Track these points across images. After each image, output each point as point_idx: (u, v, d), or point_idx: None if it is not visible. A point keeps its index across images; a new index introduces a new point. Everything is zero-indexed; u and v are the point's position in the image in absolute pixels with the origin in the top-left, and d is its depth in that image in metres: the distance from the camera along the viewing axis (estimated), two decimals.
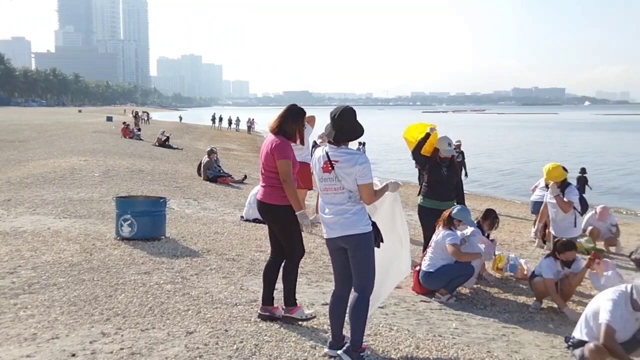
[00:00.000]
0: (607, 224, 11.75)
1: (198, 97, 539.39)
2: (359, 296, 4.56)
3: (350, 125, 4.62)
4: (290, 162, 5.13)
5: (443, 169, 8.07)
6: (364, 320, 4.57)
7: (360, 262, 4.57)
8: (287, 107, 5.47)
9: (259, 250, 8.50)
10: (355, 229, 4.52)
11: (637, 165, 34.44)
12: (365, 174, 4.49)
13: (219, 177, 17.12)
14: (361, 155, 4.57)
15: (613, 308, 4.93)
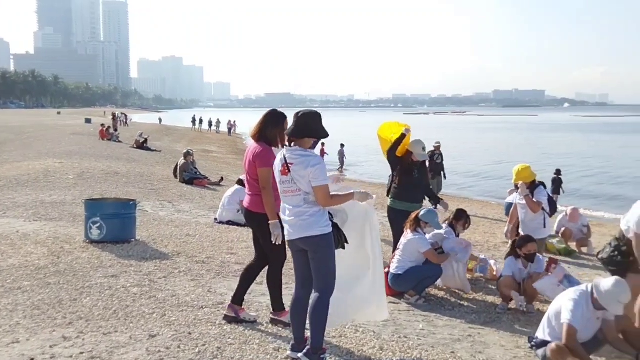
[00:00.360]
0: (578, 224, 11.85)
1: (179, 99, 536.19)
2: (318, 298, 4.53)
3: (307, 123, 4.59)
4: (271, 169, 4.98)
5: (415, 171, 8.10)
6: (324, 322, 4.54)
7: (319, 263, 4.56)
8: (267, 112, 5.39)
9: (230, 252, 8.47)
10: (313, 230, 4.50)
11: (611, 167, 34.82)
12: (318, 176, 4.44)
13: (195, 180, 17.06)
14: (314, 157, 4.51)
15: (574, 308, 4.97)
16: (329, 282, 4.57)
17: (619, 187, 26.75)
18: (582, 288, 5.17)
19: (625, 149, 50.22)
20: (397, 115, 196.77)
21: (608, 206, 21.40)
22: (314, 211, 4.51)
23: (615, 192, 24.96)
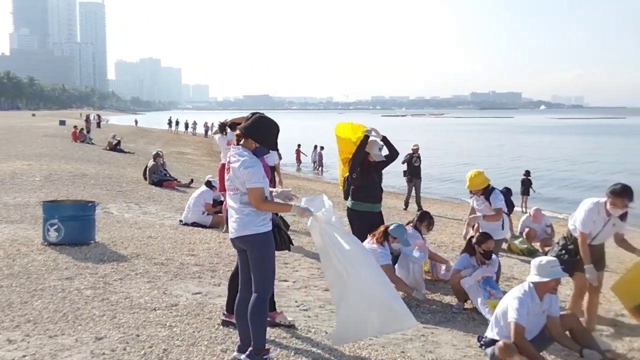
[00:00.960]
0: (542, 225, 12.00)
1: (157, 101, 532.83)
2: (256, 298, 4.51)
3: (259, 126, 4.53)
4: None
5: (373, 171, 8.11)
6: (263, 322, 4.54)
7: (256, 263, 4.54)
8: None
9: (190, 254, 8.42)
10: (248, 229, 4.49)
11: (580, 169, 35.18)
12: (250, 178, 4.39)
13: (164, 181, 16.93)
14: (250, 160, 4.44)
15: (519, 306, 5.05)
16: (266, 282, 4.57)
17: (587, 188, 27.01)
18: (525, 286, 5.24)
19: (598, 150, 50.82)
20: (375, 117, 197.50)
21: (575, 207, 21.56)
22: (249, 210, 4.49)
23: (582, 194, 25.21)
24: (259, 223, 4.52)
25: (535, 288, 5.17)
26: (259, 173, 4.43)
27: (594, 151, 49.63)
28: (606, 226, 6.02)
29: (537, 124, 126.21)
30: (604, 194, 6.03)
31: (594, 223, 5.98)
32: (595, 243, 6.13)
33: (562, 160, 40.84)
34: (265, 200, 4.48)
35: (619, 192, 5.82)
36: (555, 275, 5.14)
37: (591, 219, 5.96)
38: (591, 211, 5.97)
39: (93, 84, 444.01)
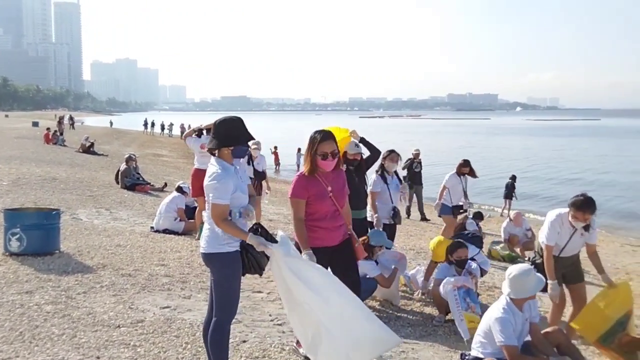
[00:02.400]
0: (522, 229, 11.83)
1: (133, 102, 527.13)
2: (214, 323, 4.20)
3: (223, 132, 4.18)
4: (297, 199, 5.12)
5: (354, 175, 7.84)
6: (222, 346, 4.19)
7: (216, 285, 4.20)
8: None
9: (160, 264, 8.05)
10: (210, 247, 4.14)
11: (557, 170, 35.28)
12: (211, 192, 4.07)
13: (136, 185, 16.51)
14: (219, 174, 4.07)
15: (503, 327, 4.82)
16: (225, 307, 4.20)
17: (567, 189, 27.03)
18: (503, 302, 5.00)
19: (574, 151, 51.15)
20: (352, 118, 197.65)
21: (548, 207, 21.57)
22: (214, 226, 4.16)
23: (563, 195, 25.21)
24: (223, 241, 4.13)
25: (513, 301, 4.94)
26: (223, 189, 4.05)
27: (572, 153, 49.91)
28: (573, 237, 5.81)
29: (514, 125, 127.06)
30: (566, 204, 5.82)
31: (559, 235, 5.79)
32: (565, 255, 5.92)
33: (542, 160, 40.98)
34: (225, 220, 4.05)
35: (579, 206, 5.62)
36: (533, 292, 4.93)
37: (555, 231, 5.78)
38: (554, 223, 5.78)
39: (68, 84, 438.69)
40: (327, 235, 5.03)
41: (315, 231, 4.97)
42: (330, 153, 4.85)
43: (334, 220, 5.04)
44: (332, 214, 5.02)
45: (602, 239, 15.65)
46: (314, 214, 4.97)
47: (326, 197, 4.95)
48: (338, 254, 5.14)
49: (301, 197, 4.93)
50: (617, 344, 5.52)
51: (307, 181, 4.93)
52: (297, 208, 4.94)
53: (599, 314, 5.59)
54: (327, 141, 4.86)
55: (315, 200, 4.94)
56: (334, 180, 5.03)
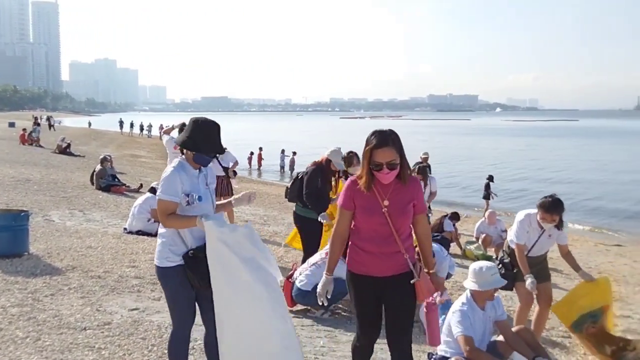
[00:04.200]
0: (497, 229, 11.90)
1: (113, 102, 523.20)
2: (171, 333, 4.09)
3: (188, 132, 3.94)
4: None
5: (331, 180, 7.88)
6: (177, 356, 4.06)
7: (166, 298, 4.06)
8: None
9: (131, 265, 7.97)
10: (156, 259, 3.95)
11: (530, 171, 35.56)
12: (160, 188, 3.85)
13: (112, 186, 16.35)
14: (167, 171, 3.87)
15: (462, 318, 4.91)
16: (176, 319, 4.03)
17: (543, 189, 27.25)
18: (463, 297, 5.05)
19: (554, 151, 51.60)
20: (333, 119, 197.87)
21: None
22: (161, 236, 3.95)
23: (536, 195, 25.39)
24: (165, 254, 3.89)
25: (474, 297, 4.98)
26: (170, 185, 3.79)
27: (550, 153, 50.33)
28: (542, 237, 5.88)
29: (493, 126, 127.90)
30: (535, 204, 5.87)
31: (528, 234, 5.86)
32: (533, 255, 5.97)
33: (519, 160, 41.29)
34: (170, 215, 3.78)
35: (547, 208, 5.69)
36: (493, 285, 4.98)
37: (524, 230, 5.85)
38: (523, 222, 5.86)
39: (46, 85, 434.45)
40: (372, 261, 3.89)
41: (357, 253, 3.95)
42: (387, 164, 3.73)
43: (384, 244, 3.84)
44: (382, 235, 3.84)
45: (576, 238, 15.81)
46: (359, 231, 3.94)
47: (376, 212, 3.82)
48: (388, 294, 3.94)
49: (346, 207, 3.94)
50: (585, 333, 5.64)
51: (356, 188, 3.88)
52: (340, 219, 3.99)
53: (574, 303, 5.74)
54: (384, 148, 3.73)
55: (362, 213, 3.88)
56: (395, 193, 3.86)
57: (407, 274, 3.88)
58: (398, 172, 3.80)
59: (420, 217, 3.97)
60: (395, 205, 3.83)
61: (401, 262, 3.87)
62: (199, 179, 3.98)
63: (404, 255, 3.85)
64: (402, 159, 3.80)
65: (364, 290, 3.95)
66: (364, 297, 3.96)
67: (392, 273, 3.89)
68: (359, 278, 3.94)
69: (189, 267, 3.83)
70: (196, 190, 3.91)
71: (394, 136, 3.79)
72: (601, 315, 5.72)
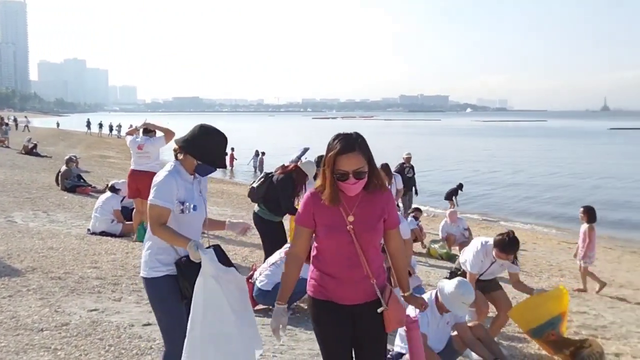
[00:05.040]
0: (460, 228, 12.05)
1: (83, 103, 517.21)
2: (163, 354, 3.81)
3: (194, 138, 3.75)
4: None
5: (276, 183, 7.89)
6: None
7: (154, 312, 3.83)
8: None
9: (92, 266, 7.91)
10: (142, 270, 3.76)
11: (499, 171, 36.02)
12: (151, 192, 3.67)
13: (77, 187, 16.19)
14: (161, 175, 3.72)
15: (418, 317, 4.90)
16: (167, 337, 3.78)
17: (505, 189, 27.64)
18: (427, 295, 5.13)
19: (517, 152, 52.26)
20: (305, 120, 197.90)
21: (493, 208, 22.21)
22: (148, 245, 3.76)
23: (501, 195, 25.78)
24: (153, 264, 3.71)
25: (437, 301, 5.04)
26: (164, 189, 3.63)
27: (516, 153, 50.95)
28: (494, 265, 6.01)
29: (463, 127, 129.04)
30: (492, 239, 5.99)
31: (482, 262, 5.99)
32: (484, 278, 6.14)
33: (485, 161, 41.75)
34: (162, 225, 3.59)
35: (503, 247, 5.81)
36: (457, 313, 5.06)
37: (479, 260, 5.97)
38: (479, 253, 5.98)
39: (14, 85, 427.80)
40: (337, 287, 3.30)
41: (321, 278, 3.35)
42: (353, 173, 3.16)
43: (350, 266, 3.27)
44: (348, 256, 3.27)
45: (540, 236, 16.13)
46: (321, 252, 3.36)
47: (340, 229, 3.25)
48: (359, 326, 3.37)
49: (305, 225, 3.35)
50: (545, 339, 5.74)
51: (317, 202, 3.29)
52: (297, 238, 3.41)
53: (533, 311, 5.83)
54: (349, 154, 3.16)
55: (324, 232, 3.30)
56: (362, 207, 3.29)
57: (378, 302, 3.31)
58: (365, 182, 3.23)
59: (392, 233, 3.43)
60: (362, 221, 3.26)
61: (371, 288, 3.31)
62: (194, 185, 3.83)
63: (372, 280, 3.28)
64: (370, 166, 3.23)
65: (330, 319, 3.32)
66: (330, 327, 3.33)
67: (361, 301, 3.31)
68: (323, 305, 3.33)
69: (181, 274, 3.64)
70: (190, 198, 3.73)
71: (360, 140, 3.23)
72: (560, 322, 5.85)
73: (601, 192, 26.61)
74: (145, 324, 5.73)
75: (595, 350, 5.53)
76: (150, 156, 9.89)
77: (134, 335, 5.38)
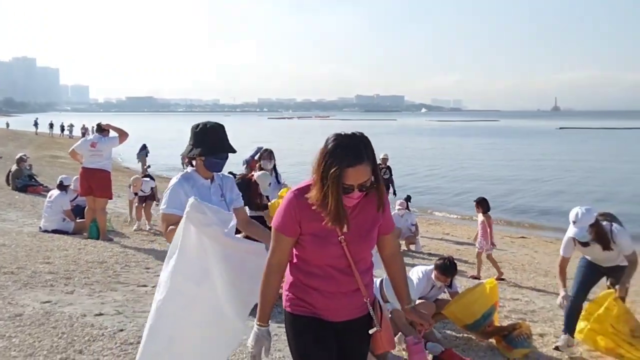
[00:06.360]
0: (407, 222, 12.47)
1: (33, 102, 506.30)
2: None
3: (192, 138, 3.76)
4: None
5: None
6: None
7: None
8: None
9: (45, 262, 8.07)
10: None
11: (450, 169, 36.81)
12: (163, 201, 3.71)
13: (28, 187, 16.15)
14: (171, 184, 3.73)
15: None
16: None
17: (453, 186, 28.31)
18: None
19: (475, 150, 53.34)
20: (261, 120, 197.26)
21: (443, 204, 22.79)
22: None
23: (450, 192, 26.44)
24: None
25: (382, 294, 5.34)
26: (173, 197, 3.64)
27: (468, 152, 51.99)
28: (433, 289, 6.47)
29: (416, 127, 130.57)
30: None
31: (424, 288, 6.40)
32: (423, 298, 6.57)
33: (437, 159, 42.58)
34: (172, 228, 3.52)
35: (442, 270, 6.30)
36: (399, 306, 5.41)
37: (421, 287, 6.37)
38: (421, 281, 6.38)
39: None
40: (322, 302, 2.92)
41: (306, 292, 2.93)
42: (358, 186, 2.73)
43: (340, 280, 2.90)
44: (338, 270, 2.89)
45: None
46: (306, 264, 2.93)
47: (331, 241, 2.84)
48: (344, 345, 3.00)
49: (288, 233, 2.88)
50: (482, 332, 6.17)
51: (303, 206, 2.83)
52: (277, 247, 2.92)
53: (467, 309, 6.18)
54: (358, 166, 2.69)
55: (312, 243, 2.86)
56: (356, 214, 2.89)
57: (366, 318, 2.98)
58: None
59: (387, 239, 3.05)
60: (355, 230, 2.86)
61: (360, 303, 2.96)
62: (212, 189, 3.75)
63: (363, 294, 2.93)
64: (375, 174, 2.77)
65: (314, 338, 2.91)
66: (314, 347, 2.91)
67: (350, 316, 2.97)
68: (306, 321, 2.93)
69: None
70: (207, 202, 3.44)
71: (368, 146, 2.76)
72: (493, 313, 6.28)
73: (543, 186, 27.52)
74: (97, 313, 5.96)
75: (523, 332, 5.97)
76: (102, 154, 10.05)
77: (87, 324, 5.61)
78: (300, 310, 2.93)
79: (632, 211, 18.86)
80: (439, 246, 13.43)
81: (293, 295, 2.95)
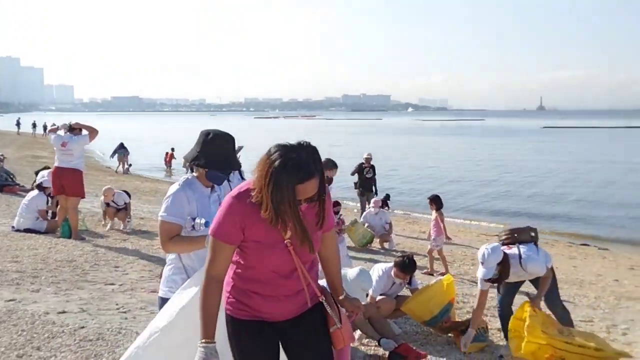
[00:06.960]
0: (381, 220, 12.58)
1: (17, 102, 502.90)
2: None
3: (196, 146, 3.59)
4: None
5: None
6: None
7: None
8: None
9: (13, 261, 8.10)
10: (159, 288, 3.66)
11: (432, 169, 37.03)
12: (162, 209, 3.52)
13: (5, 186, 16.12)
14: (172, 190, 3.55)
15: None
16: None
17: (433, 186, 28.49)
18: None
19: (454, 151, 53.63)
20: (248, 119, 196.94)
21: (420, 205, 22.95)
22: (167, 262, 3.68)
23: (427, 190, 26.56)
24: (165, 285, 3.59)
25: None
26: (174, 204, 3.46)
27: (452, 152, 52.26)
28: (394, 286, 6.58)
29: (402, 126, 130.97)
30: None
31: (384, 286, 6.51)
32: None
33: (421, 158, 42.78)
34: (171, 239, 3.42)
35: (402, 268, 6.42)
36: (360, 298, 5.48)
37: (382, 283, 6.49)
38: (381, 278, 6.49)
39: None
40: (267, 304, 2.82)
41: (247, 295, 2.82)
42: (306, 200, 2.68)
43: (286, 284, 2.81)
44: (284, 274, 2.79)
45: (461, 229, 16.88)
46: (249, 270, 2.81)
47: (276, 246, 2.74)
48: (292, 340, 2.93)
49: (230, 241, 2.73)
50: (440, 327, 6.28)
51: (246, 210, 2.70)
52: (216, 256, 2.74)
53: (424, 306, 6.28)
54: (306, 183, 2.59)
55: (257, 249, 2.75)
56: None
57: (313, 311, 2.90)
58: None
59: (327, 236, 2.99)
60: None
61: (304, 301, 2.88)
62: (211, 199, 3.63)
63: (306, 292, 2.85)
64: (322, 184, 2.69)
65: (256, 340, 2.84)
66: (256, 350, 2.85)
67: (294, 314, 2.88)
68: (247, 325, 2.84)
69: None
70: (206, 212, 3.47)
71: (317, 160, 2.65)
72: (450, 309, 6.40)
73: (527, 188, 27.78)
74: (60, 311, 6.01)
75: (480, 326, 6.08)
76: (73, 154, 10.07)
77: (48, 321, 5.66)
78: (241, 314, 2.82)
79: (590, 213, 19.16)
80: (413, 244, 13.53)
81: (234, 298, 2.83)
